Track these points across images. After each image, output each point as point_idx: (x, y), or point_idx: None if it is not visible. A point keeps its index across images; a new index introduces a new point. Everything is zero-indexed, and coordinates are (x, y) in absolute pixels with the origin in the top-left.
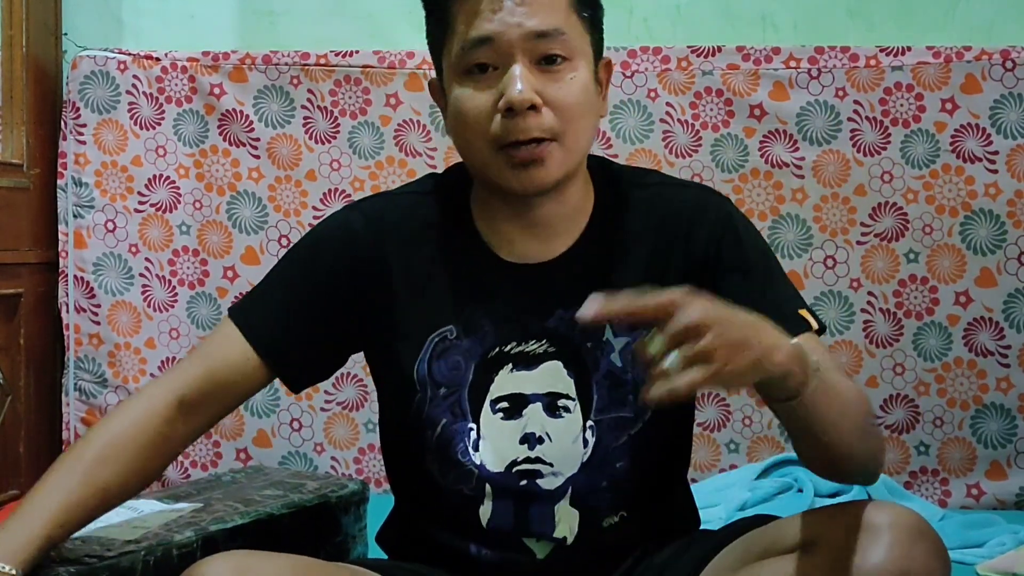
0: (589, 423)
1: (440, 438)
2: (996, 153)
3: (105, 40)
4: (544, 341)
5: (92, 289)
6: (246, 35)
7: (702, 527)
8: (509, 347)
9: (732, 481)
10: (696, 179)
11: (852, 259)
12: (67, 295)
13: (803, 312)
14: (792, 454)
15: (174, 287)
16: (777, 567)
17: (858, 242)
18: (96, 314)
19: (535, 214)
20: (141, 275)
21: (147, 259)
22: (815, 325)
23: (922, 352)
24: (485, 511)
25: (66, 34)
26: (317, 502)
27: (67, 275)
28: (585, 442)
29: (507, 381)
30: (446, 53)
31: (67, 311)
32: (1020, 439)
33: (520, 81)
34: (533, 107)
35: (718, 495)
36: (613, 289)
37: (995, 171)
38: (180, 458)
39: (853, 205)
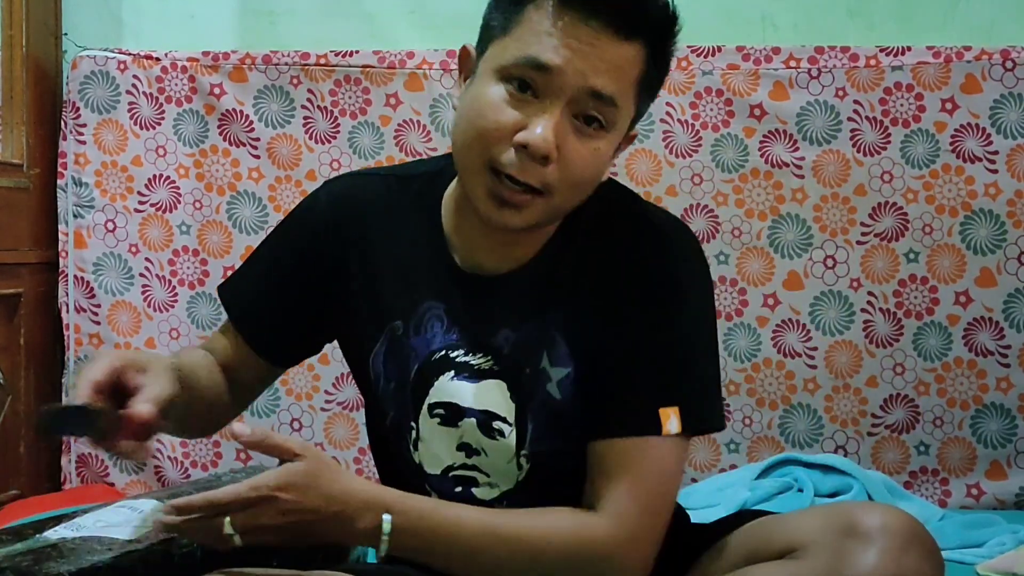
0: (522, 452)
1: (390, 430)
2: (996, 153)
3: (105, 40)
4: (489, 357)
5: (92, 289)
6: (246, 35)
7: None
8: (456, 354)
9: (732, 481)
10: (696, 179)
11: (852, 259)
12: (67, 295)
13: (666, 412)
14: (792, 454)
15: (174, 287)
16: (766, 572)
17: (858, 242)
18: (96, 314)
19: (501, 232)
20: (141, 275)
21: (147, 259)
22: (671, 429)
23: (922, 352)
24: None
25: (66, 34)
26: None
27: (67, 275)
28: (520, 466)
29: (446, 388)
30: (497, 44)
31: (67, 311)
32: (1020, 439)
33: (548, 129)
34: (546, 158)
35: (718, 495)
36: (555, 312)
37: (995, 171)
38: (180, 458)
39: (853, 205)
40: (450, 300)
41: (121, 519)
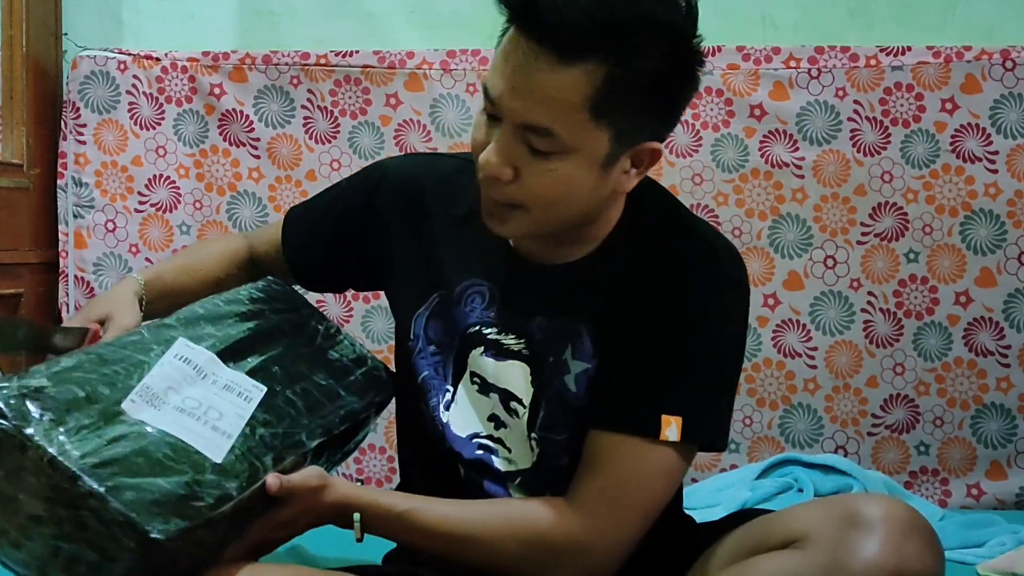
0: (533, 435)
1: (419, 387)
2: (996, 153)
3: (105, 40)
4: (523, 340)
5: (92, 289)
6: (246, 35)
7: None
8: (489, 331)
9: (732, 481)
10: (696, 179)
11: (852, 259)
12: (67, 295)
13: (668, 419)
14: (792, 454)
15: None
16: (769, 562)
17: (858, 242)
18: None
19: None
20: None
21: (147, 259)
22: (670, 435)
23: (922, 352)
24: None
25: (66, 34)
26: (361, 411)
27: (67, 275)
28: (531, 448)
29: (477, 361)
30: None
31: (67, 311)
32: (1020, 439)
33: (494, 153)
34: (496, 178)
35: (718, 495)
36: (588, 309)
37: (995, 171)
38: None
39: (853, 205)
40: (496, 280)
41: (196, 423)
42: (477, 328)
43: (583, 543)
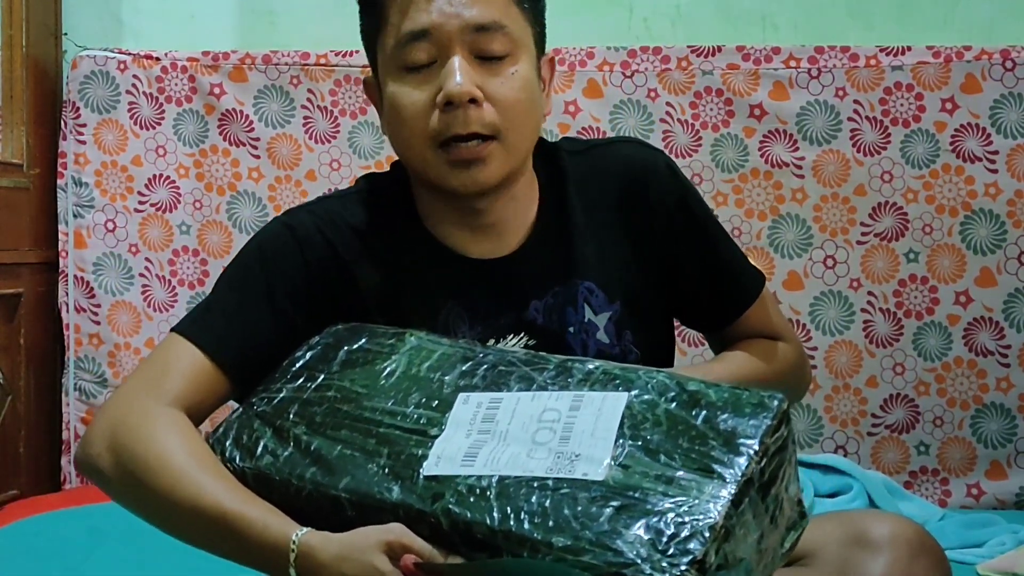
0: None
1: None
2: (996, 153)
3: (105, 40)
4: (523, 335)
5: (92, 289)
6: (246, 35)
7: None
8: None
9: None
10: (696, 179)
11: (852, 259)
12: (67, 295)
13: (753, 265)
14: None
15: (174, 287)
16: None
17: (858, 242)
18: (96, 314)
19: (483, 215)
20: (141, 275)
21: (147, 259)
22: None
23: (922, 352)
24: None
25: (66, 34)
26: None
27: (67, 275)
28: None
29: None
30: (380, 48)
31: (67, 311)
32: (1020, 439)
33: (459, 74)
34: (473, 101)
35: None
36: (582, 264)
37: (995, 171)
38: None
39: (853, 205)
40: (468, 293)
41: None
42: None
43: (805, 356)
